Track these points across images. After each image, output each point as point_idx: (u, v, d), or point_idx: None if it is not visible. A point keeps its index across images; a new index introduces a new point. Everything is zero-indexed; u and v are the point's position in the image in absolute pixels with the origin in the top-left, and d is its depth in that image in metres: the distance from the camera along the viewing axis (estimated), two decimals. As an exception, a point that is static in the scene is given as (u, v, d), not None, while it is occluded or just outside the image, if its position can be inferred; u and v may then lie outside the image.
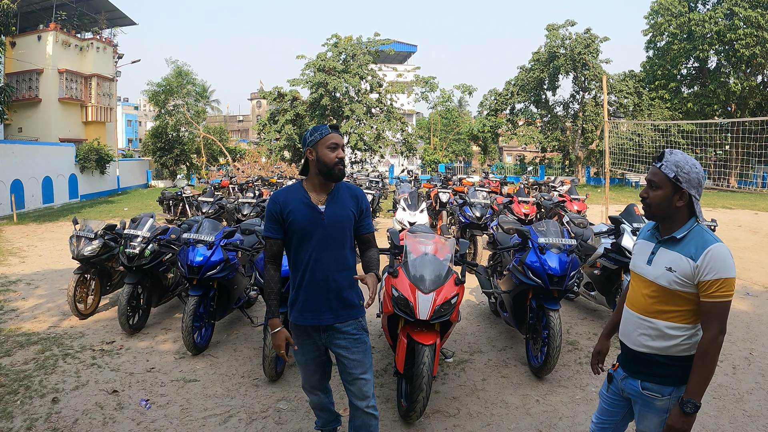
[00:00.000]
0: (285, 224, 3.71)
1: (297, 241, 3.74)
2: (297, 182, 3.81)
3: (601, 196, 22.95)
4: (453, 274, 5.02)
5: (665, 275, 2.91)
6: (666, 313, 2.94)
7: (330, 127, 3.75)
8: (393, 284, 4.88)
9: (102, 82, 37.11)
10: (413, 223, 10.53)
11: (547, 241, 6.04)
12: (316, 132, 3.68)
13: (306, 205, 3.70)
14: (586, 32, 39.42)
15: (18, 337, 7.38)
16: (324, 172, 3.70)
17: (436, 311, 4.69)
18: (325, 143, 3.67)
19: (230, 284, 6.92)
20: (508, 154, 75.77)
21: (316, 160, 3.69)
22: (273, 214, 3.74)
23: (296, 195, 3.74)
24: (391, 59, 47.64)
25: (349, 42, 37.87)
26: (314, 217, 3.69)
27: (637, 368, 3.07)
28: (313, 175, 3.76)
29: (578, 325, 7.89)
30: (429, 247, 5.34)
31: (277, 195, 3.77)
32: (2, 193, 23.89)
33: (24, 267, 12.39)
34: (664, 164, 2.92)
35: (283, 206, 3.69)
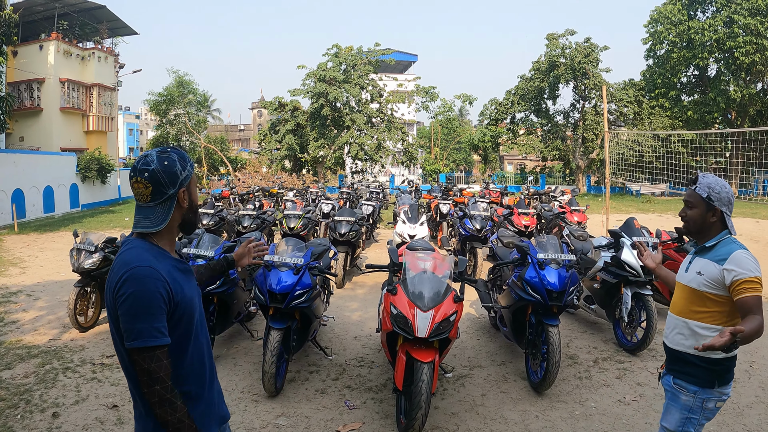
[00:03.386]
0: (176, 312, 2.34)
1: (189, 329, 2.44)
2: (140, 241, 2.40)
3: (602, 205, 22.97)
4: (452, 292, 5.04)
5: (696, 279, 3.31)
6: (697, 314, 3.31)
7: None
8: (392, 302, 4.90)
9: (103, 91, 37.18)
10: (413, 236, 10.55)
11: (546, 256, 6.06)
12: (187, 162, 2.50)
13: (182, 272, 2.48)
14: (586, 41, 39.52)
15: (18, 350, 7.38)
16: (191, 220, 2.59)
17: (434, 329, 4.70)
18: (195, 180, 2.60)
19: (230, 299, 6.92)
20: (509, 162, 75.88)
21: (188, 204, 2.51)
22: (162, 298, 2.24)
23: (164, 260, 2.38)
24: (392, 69, 47.74)
25: (349, 52, 37.98)
26: (194, 286, 2.59)
27: (672, 365, 3.47)
28: (175, 225, 2.53)
29: (578, 338, 7.89)
30: (428, 263, 5.35)
31: (152, 267, 2.26)
32: (3, 203, 23.90)
33: (25, 278, 12.40)
34: (698, 186, 3.33)
35: (171, 281, 2.31)
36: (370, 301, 9.64)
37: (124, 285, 2.14)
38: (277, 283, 5.84)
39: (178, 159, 2.43)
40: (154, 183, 2.35)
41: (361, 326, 8.45)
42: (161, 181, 2.36)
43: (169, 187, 2.38)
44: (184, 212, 2.51)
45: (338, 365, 6.79)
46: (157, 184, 2.35)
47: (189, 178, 2.47)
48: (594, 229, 17.00)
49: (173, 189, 2.39)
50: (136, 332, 2.12)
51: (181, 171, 2.41)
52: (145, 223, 2.40)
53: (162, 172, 2.34)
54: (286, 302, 5.79)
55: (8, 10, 22.56)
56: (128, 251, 2.33)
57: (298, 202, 17.94)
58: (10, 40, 23.54)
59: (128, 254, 2.31)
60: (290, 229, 12.06)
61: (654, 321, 6.87)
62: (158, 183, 2.35)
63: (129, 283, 2.17)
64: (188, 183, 2.47)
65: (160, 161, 2.36)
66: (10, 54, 31.32)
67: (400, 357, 4.84)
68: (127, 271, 2.19)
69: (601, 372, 6.61)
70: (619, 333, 7.47)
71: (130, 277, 2.19)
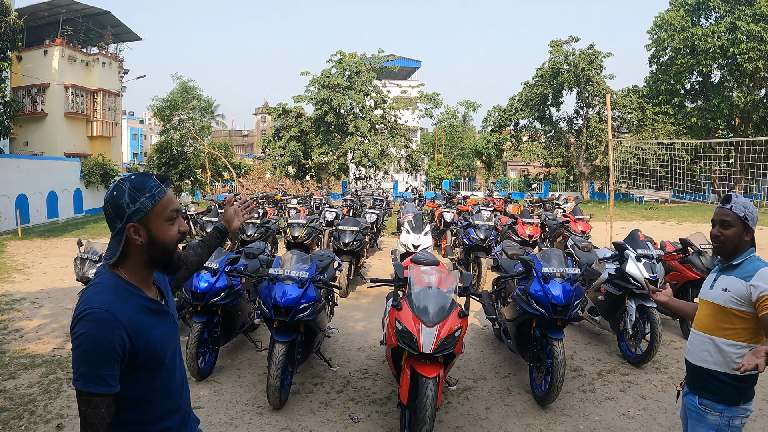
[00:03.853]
0: (137, 357, 2.16)
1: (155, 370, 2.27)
2: (109, 276, 2.21)
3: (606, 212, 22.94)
4: (457, 307, 5.03)
5: (722, 296, 3.31)
6: (723, 330, 3.28)
7: (159, 179, 2.32)
8: (397, 317, 4.89)
9: (107, 97, 37.32)
10: (417, 246, 10.54)
11: (551, 270, 6.05)
12: (141, 194, 2.21)
13: (153, 312, 2.28)
14: (590, 48, 39.56)
15: (22, 359, 7.39)
16: (160, 259, 2.31)
17: (439, 345, 4.70)
18: (162, 213, 2.26)
19: (234, 310, 6.92)
20: (512, 168, 75.83)
21: (148, 242, 2.24)
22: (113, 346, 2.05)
23: (132, 300, 2.19)
24: (396, 75, 47.81)
25: (353, 58, 38.04)
26: (170, 328, 2.39)
27: (697, 383, 3.42)
28: (140, 262, 2.27)
29: (582, 350, 7.87)
30: (433, 278, 5.34)
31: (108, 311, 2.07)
32: (7, 208, 23.94)
33: (28, 285, 12.41)
34: (733, 206, 3.31)
35: (131, 327, 2.12)
36: (374, 311, 9.63)
37: (78, 324, 2.04)
38: (282, 296, 5.81)
39: (128, 189, 2.20)
40: (106, 214, 2.23)
41: (365, 337, 8.44)
42: (108, 213, 2.21)
43: (115, 221, 2.20)
44: (146, 249, 2.25)
45: (342, 377, 6.78)
46: (108, 216, 2.22)
47: (142, 212, 2.20)
48: (598, 237, 16.98)
49: (120, 223, 2.19)
50: (79, 373, 2.03)
51: (129, 204, 2.18)
52: (106, 253, 2.28)
53: (109, 204, 2.20)
54: (291, 315, 5.76)
55: (13, 16, 22.67)
56: (92, 287, 2.18)
57: (301, 209, 17.93)
58: (15, 46, 23.67)
59: (91, 291, 2.16)
60: (294, 238, 12.06)
61: (658, 333, 6.86)
62: (108, 215, 2.22)
63: (82, 323, 2.04)
64: (142, 217, 2.21)
65: (111, 191, 2.21)
66: (15, 59, 31.45)
67: (404, 372, 4.84)
68: (84, 310, 2.06)
69: (605, 385, 6.60)
70: (624, 345, 7.46)
71: (84, 318, 2.06)
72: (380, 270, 13.67)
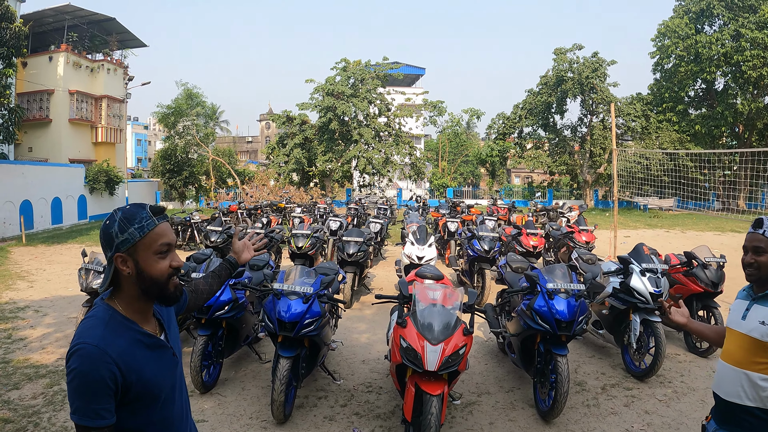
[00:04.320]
0: (130, 391, 2.15)
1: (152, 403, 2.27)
2: (104, 309, 2.21)
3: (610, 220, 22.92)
4: (461, 324, 5.03)
5: (758, 328, 3.03)
6: (759, 365, 3.02)
7: (152, 211, 2.29)
8: (401, 334, 4.90)
9: (112, 103, 37.40)
10: (421, 257, 10.53)
11: (556, 286, 6.04)
12: (130, 224, 2.19)
13: (148, 347, 2.26)
14: (594, 56, 39.60)
15: (26, 369, 7.40)
16: (151, 291, 2.26)
17: (444, 362, 4.70)
18: (151, 246, 2.23)
19: (239, 323, 6.93)
20: (516, 175, 75.90)
21: (135, 274, 2.21)
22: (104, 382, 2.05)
23: (126, 334, 2.19)
24: (400, 82, 47.87)
25: (357, 66, 38.12)
26: (168, 362, 2.37)
27: (729, 418, 3.16)
28: (133, 294, 2.25)
29: (586, 363, 7.85)
30: (437, 294, 5.34)
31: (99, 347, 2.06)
32: (12, 214, 24.02)
33: (32, 292, 12.44)
34: (766, 230, 3.10)
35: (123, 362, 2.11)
36: (378, 323, 9.62)
37: (71, 359, 2.06)
38: (287, 311, 5.80)
39: (119, 219, 2.20)
40: (101, 243, 2.26)
41: (369, 349, 8.43)
42: (101, 241, 2.24)
43: (106, 249, 2.21)
44: (136, 281, 2.22)
45: (346, 390, 6.77)
46: (101, 244, 2.25)
47: (130, 242, 2.18)
48: (602, 246, 16.96)
49: (110, 252, 2.20)
50: (74, 407, 2.05)
51: (118, 234, 2.18)
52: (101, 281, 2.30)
53: (101, 232, 2.24)
54: (296, 331, 5.75)
55: (18, 23, 22.73)
56: (86, 321, 2.18)
57: (305, 218, 17.96)
58: (20, 52, 23.74)
59: (84, 326, 2.16)
60: (298, 248, 12.06)
61: (662, 347, 6.84)
62: (101, 242, 2.24)
63: (74, 359, 2.06)
64: (130, 248, 2.18)
65: (105, 220, 2.24)
66: (20, 65, 31.54)
67: (409, 389, 4.84)
68: (75, 345, 2.08)
69: (609, 399, 6.58)
70: (628, 359, 7.44)
71: (76, 353, 2.06)
72: (384, 280, 13.66)
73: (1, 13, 21.41)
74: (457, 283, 12.95)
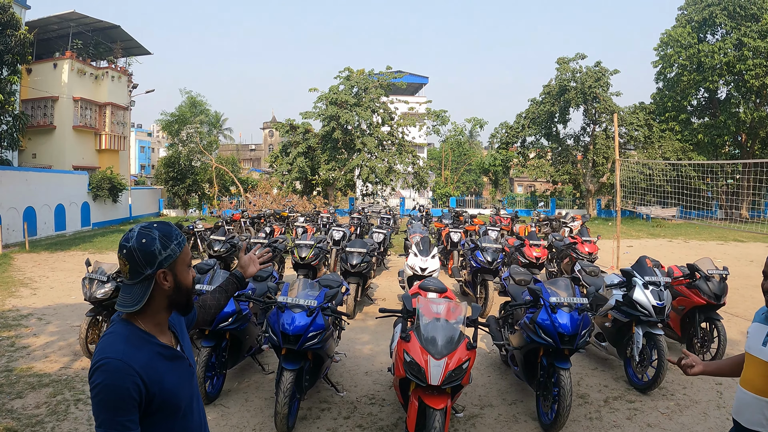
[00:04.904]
0: (153, 402, 2.21)
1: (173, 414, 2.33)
2: (122, 326, 2.28)
3: (613, 230, 22.92)
4: (465, 339, 5.06)
5: None
6: None
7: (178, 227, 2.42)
8: (405, 349, 4.92)
9: (116, 110, 37.53)
10: (425, 269, 10.53)
11: (559, 300, 6.05)
12: (170, 241, 2.32)
13: (167, 358, 2.33)
14: (597, 65, 39.66)
15: (30, 378, 7.42)
16: (181, 303, 2.41)
17: (447, 377, 4.73)
18: (185, 259, 2.39)
19: (242, 334, 6.94)
20: (519, 184, 75.85)
21: (174, 287, 2.34)
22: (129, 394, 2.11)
23: (146, 347, 2.25)
24: (403, 91, 47.94)
25: (361, 75, 38.21)
26: (185, 372, 2.43)
27: None
28: (160, 307, 2.36)
29: (588, 376, 7.85)
30: (441, 308, 5.37)
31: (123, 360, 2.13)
32: (15, 220, 24.10)
33: (35, 300, 12.47)
34: None
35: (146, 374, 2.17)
36: (382, 333, 9.60)
37: (95, 374, 2.11)
38: (290, 324, 5.81)
39: (159, 237, 2.27)
40: (130, 261, 2.24)
41: (372, 360, 8.43)
42: (137, 260, 2.24)
43: (145, 267, 2.24)
44: (170, 294, 2.34)
45: (349, 402, 6.78)
46: (134, 263, 2.24)
47: (172, 258, 2.30)
48: (605, 256, 16.98)
49: (150, 269, 2.25)
50: (100, 420, 2.09)
51: (161, 250, 2.26)
52: (123, 301, 2.28)
53: (138, 251, 2.23)
54: (299, 344, 5.76)
55: (23, 30, 22.82)
56: (106, 338, 2.24)
57: (308, 228, 17.97)
58: (25, 59, 23.82)
59: (105, 342, 2.21)
60: (301, 259, 12.07)
61: (665, 360, 6.83)
62: (134, 262, 2.24)
63: (98, 373, 2.10)
64: (171, 263, 2.30)
65: (139, 239, 2.25)
66: (25, 72, 31.64)
67: (412, 402, 4.86)
68: (98, 360, 2.13)
69: (612, 412, 6.58)
70: (630, 371, 7.45)
71: (100, 368, 2.11)
72: (387, 290, 13.66)
73: (6, 20, 21.50)
74: (460, 293, 12.96)
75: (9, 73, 23.10)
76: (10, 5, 22.19)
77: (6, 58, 22.27)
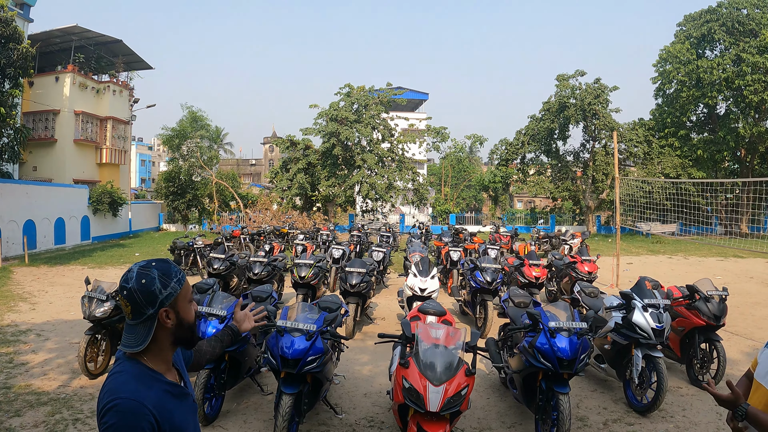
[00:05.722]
0: None
1: None
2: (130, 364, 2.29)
3: (612, 246, 22.93)
4: (464, 365, 5.06)
5: None
6: None
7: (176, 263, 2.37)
8: (404, 375, 4.93)
9: (117, 124, 37.63)
10: (424, 289, 10.51)
11: (558, 325, 6.05)
12: (170, 279, 2.33)
13: (175, 396, 2.36)
14: (596, 82, 39.69)
15: (28, 396, 7.41)
16: (185, 338, 2.44)
17: (446, 403, 4.73)
18: (186, 296, 2.41)
19: (241, 356, 6.93)
20: (519, 200, 75.92)
21: (176, 324, 2.36)
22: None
23: (155, 385, 2.27)
24: (403, 107, 48.04)
25: (361, 92, 38.30)
26: (190, 408, 2.48)
27: None
28: (166, 345, 2.38)
29: (588, 398, 7.83)
30: (440, 332, 5.37)
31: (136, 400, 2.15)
32: (15, 233, 24.11)
33: (34, 315, 12.46)
34: None
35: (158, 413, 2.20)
36: (381, 354, 9.51)
37: (107, 415, 2.10)
38: (290, 348, 5.80)
39: (158, 276, 2.28)
40: (132, 302, 2.25)
41: (371, 381, 8.40)
42: (138, 301, 2.25)
43: (147, 307, 2.26)
44: (173, 331, 2.36)
45: (348, 425, 6.75)
46: (135, 303, 2.25)
47: (173, 295, 2.31)
48: (605, 274, 16.97)
49: (152, 309, 2.26)
50: None
51: (161, 290, 2.27)
52: (127, 341, 2.30)
53: (138, 292, 2.25)
54: (299, 368, 5.73)
55: (26, 44, 22.90)
56: (115, 377, 2.24)
57: (308, 246, 17.98)
58: (27, 73, 23.88)
59: (115, 381, 2.22)
60: (301, 278, 12.05)
61: (665, 383, 6.84)
62: (135, 303, 2.25)
63: (111, 414, 2.10)
64: (172, 301, 2.31)
65: (138, 279, 2.26)
66: (26, 84, 31.73)
67: (411, 428, 4.87)
68: (110, 401, 2.13)
69: (612, 436, 6.57)
70: (630, 393, 7.44)
71: (112, 409, 2.11)
72: (386, 309, 13.63)
73: (8, 34, 21.58)
74: (459, 313, 12.96)
75: (11, 87, 23.17)
76: (13, 19, 22.29)
77: (8, 71, 22.35)
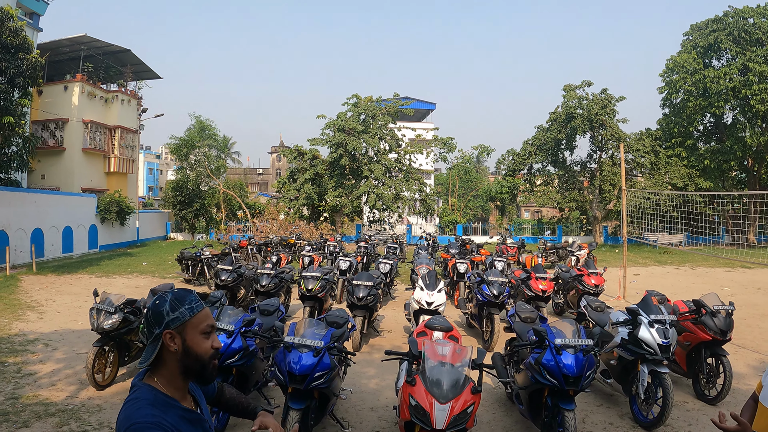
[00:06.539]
0: None
1: None
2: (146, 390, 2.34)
3: (619, 257, 22.85)
4: (470, 383, 5.07)
5: None
6: None
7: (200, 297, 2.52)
8: (410, 393, 4.95)
9: (125, 134, 37.86)
10: (431, 303, 10.52)
11: (564, 342, 6.06)
12: (181, 305, 2.40)
13: (191, 422, 2.38)
14: (603, 92, 39.67)
15: (36, 407, 7.44)
16: (194, 369, 2.42)
17: (452, 421, 4.76)
18: (198, 326, 2.41)
19: (249, 370, 6.96)
20: (526, 210, 75.86)
21: (182, 351, 2.38)
22: None
23: (171, 411, 2.31)
24: (410, 118, 48.11)
25: (368, 102, 38.39)
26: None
27: None
28: (175, 372, 2.40)
29: (594, 413, 7.82)
30: (446, 349, 5.39)
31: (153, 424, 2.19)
32: (23, 242, 24.20)
33: (42, 324, 12.51)
34: None
35: None
36: (387, 368, 9.51)
37: None
38: (297, 363, 5.82)
39: (170, 299, 2.40)
40: (146, 321, 2.42)
41: (378, 395, 8.41)
42: (149, 320, 2.39)
43: (154, 326, 2.37)
44: (180, 358, 2.38)
45: (354, 439, 6.76)
46: (148, 322, 2.40)
47: (180, 320, 2.37)
48: (611, 285, 16.92)
49: (158, 329, 2.35)
50: None
51: (169, 312, 2.36)
52: (141, 357, 2.41)
53: (150, 311, 2.40)
54: (306, 383, 5.76)
55: (35, 53, 23.03)
56: (132, 404, 2.28)
57: (315, 257, 17.98)
58: (36, 82, 24.02)
59: (131, 407, 2.26)
60: (308, 290, 12.04)
61: (670, 398, 6.84)
62: (148, 321, 2.40)
63: None
64: (179, 326, 2.36)
65: (154, 301, 2.42)
66: (35, 93, 31.90)
67: (417, 446, 4.87)
68: (130, 426, 2.17)
69: (618, 452, 6.56)
70: (636, 409, 7.43)
71: None
72: (393, 321, 13.61)
73: (18, 43, 21.70)
74: (466, 326, 12.95)
75: (20, 96, 23.32)
76: (22, 28, 22.42)
77: (17, 80, 22.47)
